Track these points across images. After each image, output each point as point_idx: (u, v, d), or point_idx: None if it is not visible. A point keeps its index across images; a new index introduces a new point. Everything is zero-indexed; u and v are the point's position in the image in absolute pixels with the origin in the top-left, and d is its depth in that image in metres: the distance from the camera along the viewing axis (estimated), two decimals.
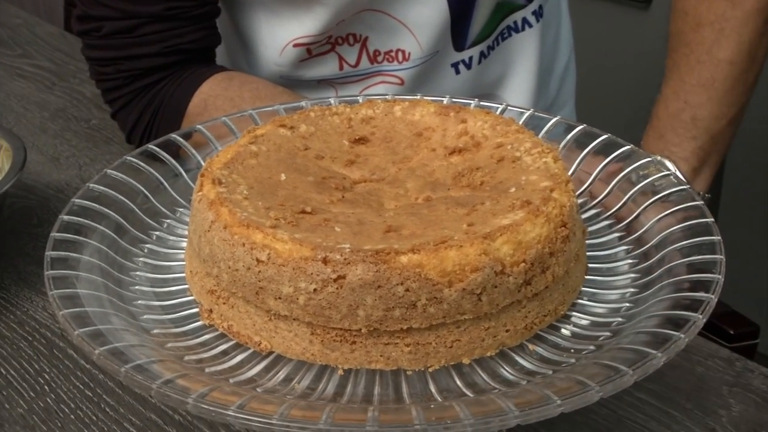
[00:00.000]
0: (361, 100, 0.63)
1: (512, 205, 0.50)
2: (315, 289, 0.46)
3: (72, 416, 0.62)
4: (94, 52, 0.91)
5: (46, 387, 0.65)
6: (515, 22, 1.01)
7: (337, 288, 0.46)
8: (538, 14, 1.02)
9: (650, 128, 0.87)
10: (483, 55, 1.00)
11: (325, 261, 0.46)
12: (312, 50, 0.96)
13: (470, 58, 0.99)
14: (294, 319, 0.47)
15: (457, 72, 0.99)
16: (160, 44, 0.88)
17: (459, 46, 0.98)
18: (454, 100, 0.65)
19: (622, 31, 1.91)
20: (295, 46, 0.95)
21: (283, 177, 0.54)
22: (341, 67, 0.98)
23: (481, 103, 0.65)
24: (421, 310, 0.46)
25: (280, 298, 0.47)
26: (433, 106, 0.60)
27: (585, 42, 1.29)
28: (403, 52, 0.97)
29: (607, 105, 1.74)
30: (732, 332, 0.77)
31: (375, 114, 0.61)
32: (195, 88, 0.88)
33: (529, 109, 0.65)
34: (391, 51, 0.97)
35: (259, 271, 0.47)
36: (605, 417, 0.62)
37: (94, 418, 0.62)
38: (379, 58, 0.97)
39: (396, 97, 0.63)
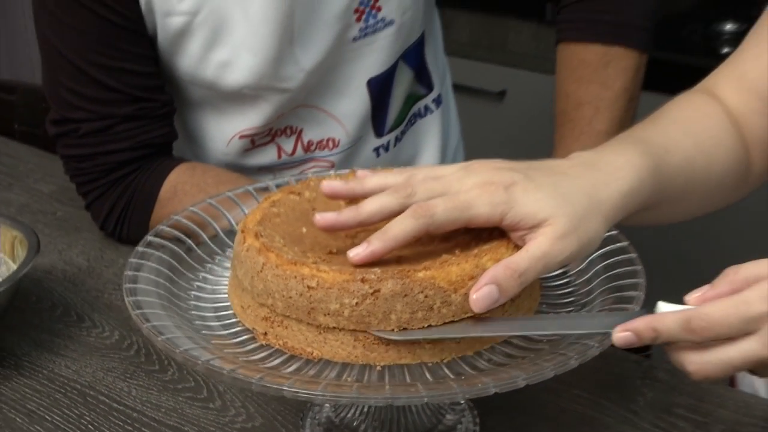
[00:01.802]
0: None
1: (487, 237, 0.67)
2: (357, 303, 0.61)
3: None
4: (71, 150, 1.03)
5: (90, 427, 0.76)
6: (419, 109, 1.20)
7: (374, 299, 0.61)
8: (438, 101, 1.21)
9: None
10: (398, 139, 1.17)
11: (363, 280, 0.61)
12: (255, 141, 1.11)
13: (388, 143, 1.16)
14: (340, 330, 0.62)
15: (378, 155, 1.16)
16: (131, 140, 1.01)
17: (379, 132, 1.15)
18: None
19: (482, 121, 2.10)
20: (241, 137, 1.09)
21: (304, 230, 0.70)
22: (279, 156, 1.13)
23: None
24: (436, 312, 0.62)
25: (328, 313, 0.62)
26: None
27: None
28: (333, 140, 1.12)
29: None
30: None
31: None
32: (164, 177, 1.02)
33: None
34: (323, 140, 1.12)
35: (310, 295, 0.62)
36: (552, 409, 0.78)
37: None
38: (312, 147, 1.13)
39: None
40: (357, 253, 0.62)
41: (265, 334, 0.65)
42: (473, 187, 0.63)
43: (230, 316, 0.69)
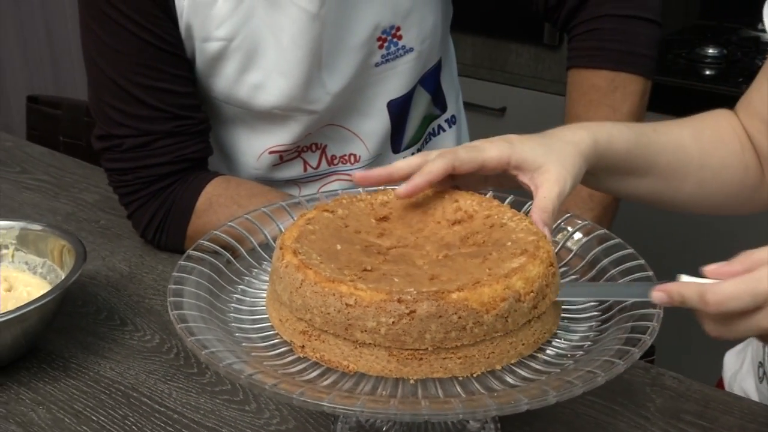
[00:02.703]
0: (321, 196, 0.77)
1: (514, 254, 0.63)
2: (393, 322, 0.57)
3: None
4: (114, 164, 0.99)
5: (134, 427, 0.73)
6: (434, 128, 1.16)
7: (410, 320, 0.57)
8: (451, 122, 1.18)
9: None
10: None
11: (399, 301, 0.57)
12: (283, 156, 1.07)
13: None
14: (375, 345, 0.58)
15: None
16: (170, 155, 0.97)
17: (396, 149, 1.12)
18: None
19: (484, 133, 2.08)
20: (271, 153, 1.06)
21: (338, 247, 0.65)
22: (305, 169, 1.10)
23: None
24: (469, 331, 0.58)
25: (365, 331, 0.58)
26: (431, 190, 0.73)
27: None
28: (354, 155, 1.09)
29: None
30: None
31: (389, 199, 0.73)
32: (200, 189, 0.98)
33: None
34: (345, 155, 1.09)
35: (349, 313, 0.58)
36: (568, 414, 0.74)
37: None
38: (335, 162, 1.10)
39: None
40: (402, 187, 0.68)
41: (303, 347, 0.61)
42: (485, 141, 0.71)
43: (268, 328, 0.64)
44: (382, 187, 0.73)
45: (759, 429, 0.73)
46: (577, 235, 0.74)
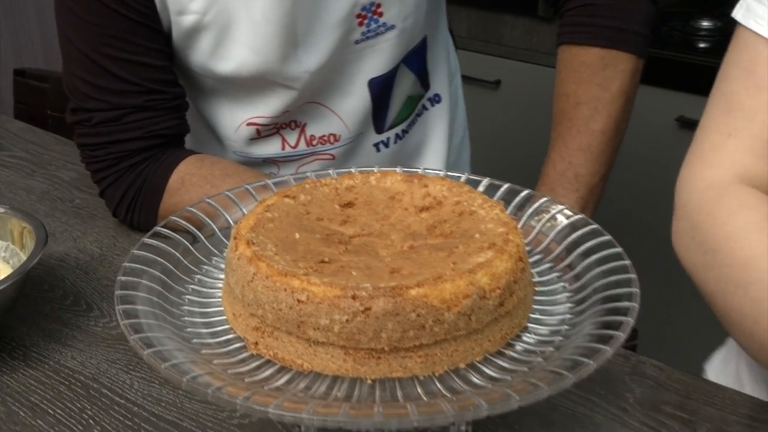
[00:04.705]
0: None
1: (481, 247, 0.57)
2: (347, 320, 0.52)
3: None
4: (85, 139, 0.94)
5: (91, 421, 0.68)
6: (420, 107, 1.10)
7: (364, 317, 0.51)
8: (434, 100, 1.11)
9: (541, 184, 0.96)
10: (398, 137, 1.07)
11: (354, 297, 0.51)
12: (261, 132, 1.02)
13: (388, 139, 1.07)
14: (330, 344, 0.53)
15: (378, 150, 1.07)
16: (141, 130, 0.92)
17: (379, 128, 1.06)
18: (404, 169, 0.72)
19: (479, 105, 2.03)
20: (248, 124, 1.01)
21: (297, 236, 0.60)
22: (283, 147, 1.04)
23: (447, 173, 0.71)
24: (428, 330, 0.52)
25: (318, 328, 0.52)
26: (400, 175, 0.67)
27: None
28: (335, 135, 1.03)
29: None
30: None
31: (355, 184, 0.67)
32: (173, 167, 0.93)
33: (463, 174, 0.72)
34: (325, 135, 1.03)
35: (300, 309, 0.52)
36: (543, 406, 0.69)
37: None
38: (314, 141, 1.04)
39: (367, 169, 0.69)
40: None
41: (256, 344, 0.56)
42: None
43: (223, 322, 0.59)
44: (352, 170, 0.67)
45: (740, 420, 0.68)
46: (559, 218, 0.68)
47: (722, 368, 0.82)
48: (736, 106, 0.69)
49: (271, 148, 1.04)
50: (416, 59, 1.03)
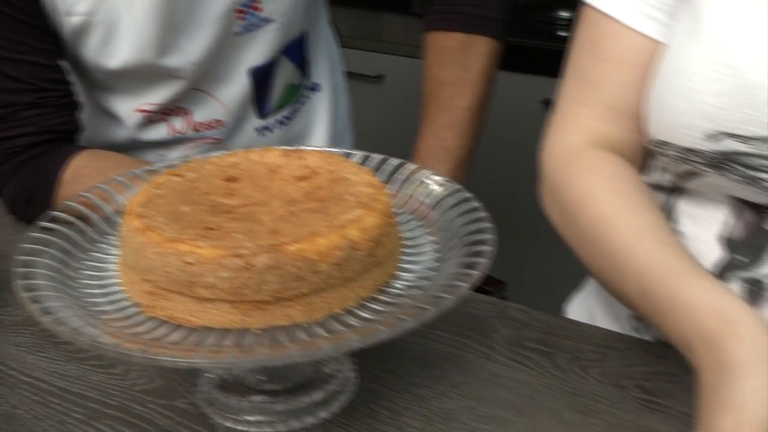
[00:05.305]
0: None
1: (351, 206, 0.62)
2: (233, 277, 0.56)
3: (27, 416, 0.67)
4: None
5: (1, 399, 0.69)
6: (301, 96, 1.15)
7: (249, 273, 0.56)
8: (313, 88, 1.16)
9: (415, 159, 1.02)
10: (281, 123, 1.12)
11: (238, 256, 0.56)
12: (150, 118, 1.05)
13: (272, 124, 1.11)
14: (218, 300, 0.57)
15: (263, 135, 1.11)
16: (34, 126, 0.94)
17: (261, 114, 1.10)
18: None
19: (365, 100, 2.09)
20: (138, 111, 1.04)
21: (186, 209, 0.64)
22: (171, 132, 1.07)
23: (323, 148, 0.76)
24: (307, 281, 0.57)
25: (206, 287, 0.56)
26: (279, 150, 0.72)
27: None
28: (218, 120, 1.07)
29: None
30: (491, 289, 0.93)
31: (239, 161, 0.71)
32: (67, 161, 0.95)
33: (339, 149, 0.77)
34: (209, 120, 1.07)
35: (189, 270, 0.56)
36: (419, 350, 0.75)
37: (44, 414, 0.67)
38: (199, 127, 1.07)
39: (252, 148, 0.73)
40: None
41: (152, 307, 0.59)
42: None
43: (119, 292, 0.62)
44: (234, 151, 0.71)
45: (593, 349, 0.75)
46: (427, 182, 0.74)
47: (580, 308, 0.90)
48: (585, 78, 0.76)
49: (159, 132, 1.07)
50: (296, 50, 1.08)
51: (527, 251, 1.72)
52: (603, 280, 0.72)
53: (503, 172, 1.81)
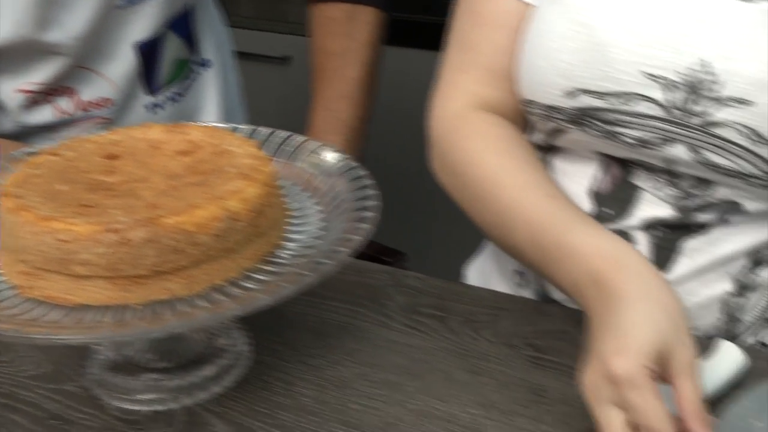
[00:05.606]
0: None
1: (232, 177, 0.61)
2: (110, 252, 0.54)
3: None
4: None
5: None
6: (191, 71, 1.12)
7: (126, 248, 0.54)
8: (202, 64, 1.14)
9: (310, 132, 1.01)
10: (173, 99, 1.09)
11: (114, 231, 0.54)
12: (33, 99, 1.01)
13: (163, 102, 1.09)
14: (96, 276, 0.55)
15: (155, 113, 1.08)
16: None
17: (150, 90, 1.07)
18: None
19: (270, 82, 2.07)
20: (20, 91, 1.00)
21: (63, 187, 0.62)
22: (57, 115, 1.04)
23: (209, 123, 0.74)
24: (186, 253, 0.56)
25: (82, 264, 0.55)
26: (162, 126, 0.70)
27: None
28: (106, 99, 1.04)
29: None
30: (390, 260, 0.93)
31: (120, 138, 0.69)
32: None
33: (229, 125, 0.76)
34: (96, 99, 1.04)
35: (64, 248, 0.55)
36: (314, 321, 0.74)
37: None
38: (87, 106, 1.04)
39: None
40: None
41: (30, 288, 0.58)
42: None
43: None
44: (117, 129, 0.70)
45: (484, 312, 0.76)
46: (318, 153, 0.73)
47: (476, 271, 0.92)
48: (464, 44, 0.77)
49: (44, 115, 1.03)
50: (182, 25, 1.06)
51: (428, 221, 1.73)
52: (495, 237, 0.73)
53: (400, 143, 1.82)
